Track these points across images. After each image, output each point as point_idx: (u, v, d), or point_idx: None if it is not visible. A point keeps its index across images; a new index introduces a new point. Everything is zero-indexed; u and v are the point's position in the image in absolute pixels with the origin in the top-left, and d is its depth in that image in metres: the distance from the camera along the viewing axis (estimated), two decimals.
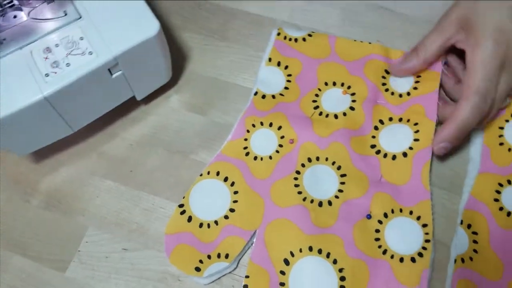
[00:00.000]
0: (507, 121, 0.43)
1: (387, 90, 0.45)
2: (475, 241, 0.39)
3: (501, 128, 0.43)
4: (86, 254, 0.40)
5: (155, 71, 0.44)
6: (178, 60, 0.49)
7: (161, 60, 0.43)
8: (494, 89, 0.39)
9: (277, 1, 0.52)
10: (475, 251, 0.38)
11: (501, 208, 0.40)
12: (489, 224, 0.39)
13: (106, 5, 0.41)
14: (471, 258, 0.38)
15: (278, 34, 0.49)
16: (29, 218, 0.42)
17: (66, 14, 0.40)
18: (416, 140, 0.42)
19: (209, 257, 0.38)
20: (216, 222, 0.40)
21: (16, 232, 0.42)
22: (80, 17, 0.40)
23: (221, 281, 0.39)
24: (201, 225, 0.40)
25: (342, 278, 0.37)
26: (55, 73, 0.37)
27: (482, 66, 0.39)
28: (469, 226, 0.39)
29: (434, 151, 0.41)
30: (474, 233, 0.39)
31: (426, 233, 0.39)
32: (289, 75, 0.47)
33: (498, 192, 0.40)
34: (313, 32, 0.49)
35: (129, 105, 0.46)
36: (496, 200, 0.40)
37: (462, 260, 0.38)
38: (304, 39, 0.48)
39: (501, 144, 0.42)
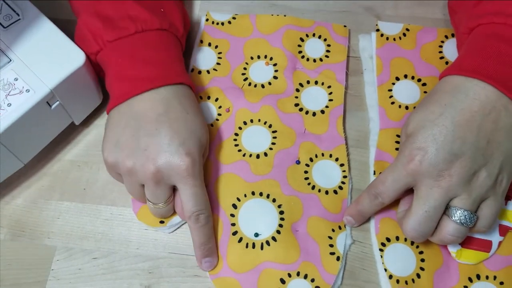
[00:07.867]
0: (393, 84, 0.52)
1: (303, 56, 0.54)
2: None
3: (390, 90, 0.52)
4: (60, 271, 0.44)
5: (88, 96, 0.48)
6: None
7: (91, 85, 0.47)
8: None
9: None
10: None
11: None
12: None
13: (32, 45, 0.44)
14: None
15: (207, 20, 0.56)
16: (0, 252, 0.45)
17: None
18: (330, 100, 0.52)
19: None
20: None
21: None
22: (10, 60, 0.43)
23: (181, 235, 0.46)
24: None
25: (281, 212, 0.46)
26: None
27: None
28: None
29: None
30: None
31: (343, 171, 0.48)
32: (220, 52, 0.54)
33: (397, 142, 0.49)
34: (236, 14, 0.56)
35: (71, 130, 0.50)
36: (397, 149, 0.49)
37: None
38: (229, 22, 0.56)
39: (392, 103, 0.51)
